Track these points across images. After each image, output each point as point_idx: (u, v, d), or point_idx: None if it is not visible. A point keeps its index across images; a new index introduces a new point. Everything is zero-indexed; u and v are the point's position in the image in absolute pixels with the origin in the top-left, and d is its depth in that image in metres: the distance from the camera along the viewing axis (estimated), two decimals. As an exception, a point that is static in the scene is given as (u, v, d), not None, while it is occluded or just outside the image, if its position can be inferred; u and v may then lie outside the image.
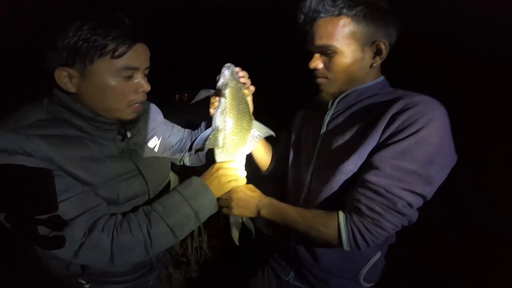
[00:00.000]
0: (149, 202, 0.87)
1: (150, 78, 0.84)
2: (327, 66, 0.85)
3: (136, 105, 0.82)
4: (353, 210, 0.75)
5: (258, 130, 0.95)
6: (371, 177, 0.72)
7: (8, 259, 1.45)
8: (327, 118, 0.91)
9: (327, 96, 0.90)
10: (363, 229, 0.73)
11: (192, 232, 2.10)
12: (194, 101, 0.95)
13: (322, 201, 0.85)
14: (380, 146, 0.73)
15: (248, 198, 0.92)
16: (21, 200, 0.66)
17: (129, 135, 0.87)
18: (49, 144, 0.68)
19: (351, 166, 0.78)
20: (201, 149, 0.97)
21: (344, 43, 0.80)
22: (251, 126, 0.93)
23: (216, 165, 0.93)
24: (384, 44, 0.82)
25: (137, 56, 0.76)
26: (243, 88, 0.91)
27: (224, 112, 0.88)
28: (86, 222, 0.71)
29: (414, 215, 0.73)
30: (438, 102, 0.73)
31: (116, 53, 0.72)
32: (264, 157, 1.15)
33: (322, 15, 0.80)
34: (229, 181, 0.91)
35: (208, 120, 1.00)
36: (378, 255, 0.90)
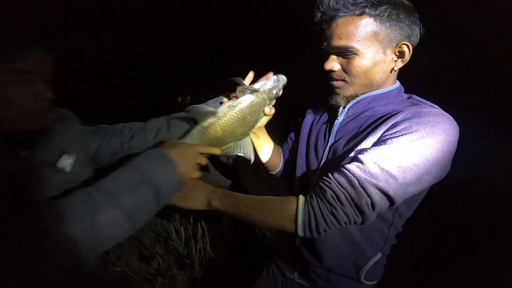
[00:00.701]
0: None
1: (157, 81, 0.81)
2: (344, 68, 0.81)
3: (39, 112, 0.71)
4: (317, 192, 0.73)
5: (242, 147, 0.89)
6: (351, 167, 0.71)
7: None
8: (336, 125, 0.89)
9: (341, 99, 0.86)
10: (319, 215, 0.72)
11: (196, 234, 2.12)
12: (229, 78, 0.87)
13: None
14: (374, 144, 0.74)
15: (199, 188, 0.86)
16: None
17: (23, 155, 0.73)
18: None
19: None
20: (188, 111, 0.89)
21: (365, 44, 0.76)
22: (241, 138, 0.89)
23: (187, 145, 0.81)
24: (408, 46, 0.78)
25: (32, 58, 0.67)
26: (267, 105, 0.87)
27: (232, 108, 0.84)
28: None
29: (370, 217, 0.71)
30: (449, 117, 0.71)
31: (4, 56, 0.63)
32: (273, 158, 1.13)
33: (341, 13, 0.75)
34: (194, 161, 0.79)
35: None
36: (379, 255, 0.90)
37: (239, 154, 0.89)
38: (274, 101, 0.89)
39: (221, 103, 0.88)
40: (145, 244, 2.27)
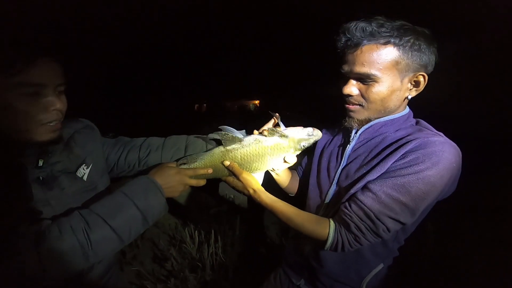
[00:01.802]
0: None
1: (172, 88, 0.85)
2: (363, 93, 0.83)
3: (51, 124, 0.73)
4: (344, 224, 0.82)
5: (248, 181, 0.92)
6: (367, 200, 0.78)
7: None
8: (349, 149, 0.93)
9: (355, 123, 0.89)
10: (346, 242, 0.82)
11: (209, 238, 2.18)
12: (271, 112, 0.92)
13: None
14: (385, 176, 0.79)
15: (243, 191, 0.95)
16: None
17: (40, 163, 0.78)
18: None
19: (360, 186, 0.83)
20: (219, 130, 0.93)
21: (385, 72, 0.78)
22: (254, 172, 0.93)
23: (175, 169, 0.86)
24: (424, 77, 0.82)
25: (41, 72, 0.69)
26: (289, 154, 0.90)
27: (258, 143, 0.89)
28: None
29: (386, 237, 0.81)
30: (453, 145, 0.77)
31: (11, 69, 0.65)
32: (291, 185, 1.17)
33: (366, 41, 0.77)
34: (186, 186, 0.87)
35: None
36: (381, 266, 0.94)
37: (232, 197, 0.94)
38: (300, 151, 0.91)
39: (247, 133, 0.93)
40: (159, 246, 2.35)
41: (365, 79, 0.80)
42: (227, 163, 0.91)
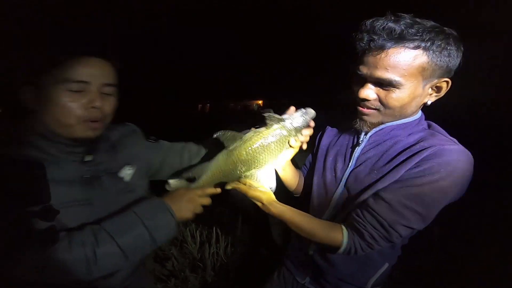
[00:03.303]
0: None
1: (175, 89, 0.85)
2: (381, 99, 0.77)
3: (91, 122, 0.76)
4: (357, 232, 0.81)
5: (263, 176, 0.90)
6: (380, 209, 0.77)
7: None
8: (358, 151, 0.90)
9: (367, 126, 0.85)
10: (358, 248, 0.81)
11: (210, 239, 2.17)
12: (263, 111, 0.88)
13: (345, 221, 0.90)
14: (398, 184, 0.77)
15: (263, 193, 0.90)
16: None
17: (88, 159, 0.81)
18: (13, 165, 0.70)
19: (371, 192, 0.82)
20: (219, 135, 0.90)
21: (409, 79, 0.72)
22: (263, 167, 0.89)
23: (186, 191, 0.87)
24: (447, 83, 0.76)
25: (87, 70, 0.73)
26: (293, 137, 0.87)
27: (258, 136, 0.85)
28: (21, 237, 0.67)
29: (399, 241, 0.82)
30: (468, 153, 0.75)
31: (60, 65, 0.70)
32: (294, 181, 1.13)
33: (394, 44, 0.69)
34: (196, 208, 0.86)
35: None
36: (386, 265, 0.94)
37: (258, 183, 0.89)
38: (301, 134, 0.88)
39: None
40: (161, 246, 2.34)
41: (386, 85, 0.74)
42: (232, 186, 0.89)
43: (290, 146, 0.88)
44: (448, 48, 0.70)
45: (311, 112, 0.86)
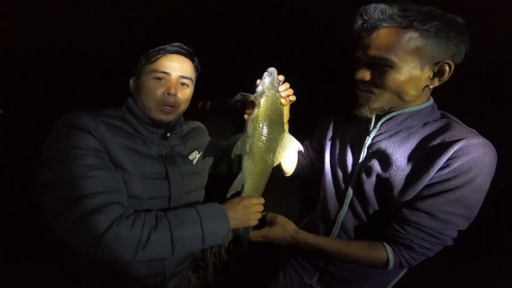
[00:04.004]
0: (169, 207, 0.91)
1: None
2: (376, 80, 0.77)
3: (165, 107, 0.91)
4: (404, 247, 0.79)
5: (288, 143, 0.90)
6: (422, 220, 0.75)
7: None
8: (368, 140, 0.87)
9: (367, 111, 0.82)
10: (410, 260, 0.79)
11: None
12: (230, 101, 0.94)
13: (361, 226, 0.88)
14: (432, 189, 0.74)
15: (282, 239, 0.92)
16: (63, 163, 0.75)
17: (168, 135, 0.97)
18: (107, 129, 0.82)
19: (400, 198, 0.78)
20: (230, 154, 0.94)
21: (403, 58, 0.71)
22: (282, 137, 0.90)
23: (241, 198, 0.92)
24: (450, 66, 0.73)
25: (169, 63, 0.92)
26: (280, 98, 0.88)
27: (256, 119, 0.87)
28: (99, 201, 0.73)
29: (452, 243, 0.79)
30: (490, 145, 0.73)
31: (152, 59, 0.91)
32: (289, 161, 1.12)
33: (385, 24, 0.72)
34: (251, 215, 0.90)
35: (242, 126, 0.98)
36: (403, 272, 0.93)
37: (289, 149, 0.90)
38: (285, 90, 0.89)
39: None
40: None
41: (380, 65, 0.73)
42: (255, 237, 0.95)
43: (283, 104, 0.88)
44: (446, 30, 0.69)
45: (271, 69, 0.87)
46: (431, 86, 0.76)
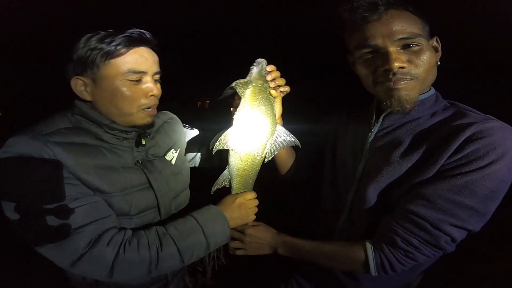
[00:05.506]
0: (160, 217, 0.88)
1: (174, 85, 0.85)
2: (414, 62, 0.70)
3: (148, 109, 0.85)
4: (386, 240, 0.68)
5: (281, 137, 0.84)
6: (418, 209, 0.63)
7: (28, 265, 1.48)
8: (371, 136, 0.80)
9: (408, 103, 0.72)
10: (393, 260, 0.68)
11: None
12: (220, 97, 0.89)
13: (365, 226, 0.79)
14: (437, 175, 0.64)
15: (261, 240, 0.91)
16: (31, 205, 0.66)
17: (144, 142, 0.87)
18: (67, 152, 0.69)
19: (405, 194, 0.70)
20: (211, 149, 0.89)
21: (423, 34, 0.71)
22: (274, 130, 0.84)
23: (233, 196, 0.90)
24: (437, 40, 0.74)
25: (143, 60, 0.80)
26: (270, 88, 0.83)
27: (241, 112, 0.82)
28: (91, 233, 0.69)
29: (452, 249, 0.66)
30: (507, 126, 0.64)
31: (115, 53, 0.76)
32: (285, 161, 1.06)
33: (390, 7, 0.71)
34: (248, 211, 0.90)
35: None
36: (419, 278, 0.85)
37: (284, 144, 0.86)
38: (275, 80, 0.85)
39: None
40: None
41: (411, 43, 0.67)
42: (234, 249, 0.98)
43: (274, 96, 0.83)
44: (416, 8, 0.72)
45: (260, 59, 0.84)
46: (438, 62, 0.74)
